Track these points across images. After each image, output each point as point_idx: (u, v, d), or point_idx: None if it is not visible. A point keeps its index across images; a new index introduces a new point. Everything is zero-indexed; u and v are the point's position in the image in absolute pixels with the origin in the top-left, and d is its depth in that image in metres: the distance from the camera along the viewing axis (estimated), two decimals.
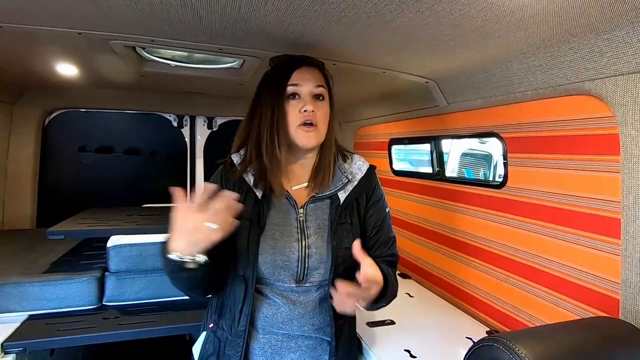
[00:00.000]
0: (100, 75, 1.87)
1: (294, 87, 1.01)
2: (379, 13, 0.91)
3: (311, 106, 0.99)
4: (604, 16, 0.85)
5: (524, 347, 0.63)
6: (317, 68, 1.06)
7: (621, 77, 0.94)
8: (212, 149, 2.86)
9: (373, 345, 1.33)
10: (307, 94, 1.01)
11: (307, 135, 1.00)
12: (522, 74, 1.20)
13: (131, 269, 1.70)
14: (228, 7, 0.92)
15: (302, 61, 1.05)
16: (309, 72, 1.03)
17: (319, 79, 1.04)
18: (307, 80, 1.01)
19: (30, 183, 2.45)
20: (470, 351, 0.71)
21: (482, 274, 1.57)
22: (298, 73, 1.02)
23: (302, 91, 1.01)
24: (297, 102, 1.01)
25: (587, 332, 0.74)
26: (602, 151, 1.06)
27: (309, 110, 0.99)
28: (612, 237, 1.04)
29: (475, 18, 0.91)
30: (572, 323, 0.81)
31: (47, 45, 1.35)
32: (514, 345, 0.64)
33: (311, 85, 1.02)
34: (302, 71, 1.03)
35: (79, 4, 0.94)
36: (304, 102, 1.00)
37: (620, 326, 0.78)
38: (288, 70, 1.03)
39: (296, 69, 1.03)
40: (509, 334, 0.69)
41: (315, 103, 1.01)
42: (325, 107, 1.04)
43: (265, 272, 1.00)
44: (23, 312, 1.52)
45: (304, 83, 1.01)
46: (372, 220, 1.10)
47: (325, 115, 1.03)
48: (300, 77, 1.02)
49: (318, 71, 1.05)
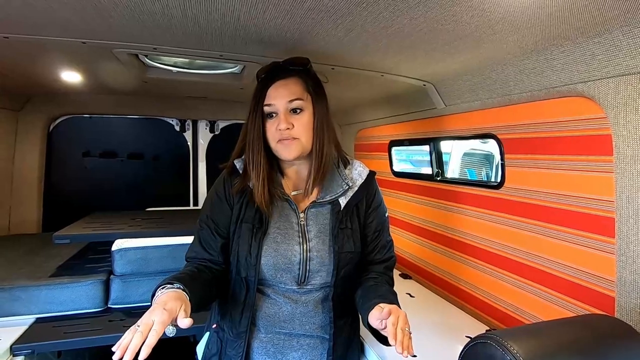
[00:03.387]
0: (103, 82, 1.90)
1: (269, 107, 1.02)
2: (374, 20, 0.93)
3: (285, 124, 1.00)
4: (594, 20, 0.87)
5: (517, 344, 0.65)
6: (296, 76, 1.05)
7: (612, 79, 0.96)
8: (214, 153, 2.89)
9: (374, 344, 1.35)
10: (282, 112, 1.01)
11: (288, 149, 1.02)
12: (517, 77, 1.22)
13: (136, 271, 1.72)
14: (227, 17, 0.95)
15: (282, 72, 1.04)
16: (285, 86, 1.02)
17: (295, 91, 1.02)
18: (281, 97, 1.01)
19: (35, 188, 2.49)
20: (465, 349, 0.73)
21: (481, 273, 1.59)
22: (272, 90, 1.02)
23: (277, 109, 1.02)
24: (274, 120, 1.03)
25: (580, 329, 0.76)
26: (596, 152, 1.08)
27: (283, 129, 1.00)
28: (607, 236, 1.06)
29: (468, 24, 0.93)
30: (566, 320, 0.83)
31: (52, 54, 1.38)
32: (506, 342, 0.65)
33: (285, 102, 1.01)
34: (277, 87, 1.02)
35: (84, 15, 0.97)
36: (279, 120, 1.01)
37: (613, 323, 0.79)
38: (263, 88, 1.03)
39: (271, 85, 1.03)
40: (502, 331, 0.71)
41: (292, 118, 1.02)
42: (304, 118, 1.03)
43: (267, 274, 1.03)
44: (31, 315, 1.55)
45: (277, 101, 1.01)
46: (373, 226, 1.12)
47: (306, 125, 1.03)
48: (274, 95, 1.02)
49: (295, 81, 1.04)
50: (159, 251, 1.74)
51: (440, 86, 1.60)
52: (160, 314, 0.73)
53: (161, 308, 0.74)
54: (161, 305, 0.75)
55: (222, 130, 2.91)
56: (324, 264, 1.04)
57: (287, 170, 1.11)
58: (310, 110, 1.04)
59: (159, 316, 0.73)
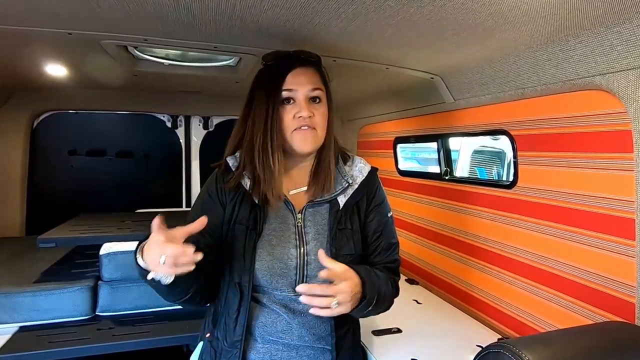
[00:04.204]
0: (91, 75, 1.90)
1: (289, 92, 1.01)
2: (379, 8, 0.93)
3: (307, 112, 0.99)
4: (613, 8, 0.87)
5: (531, 353, 0.65)
6: (313, 67, 1.06)
7: (633, 71, 0.95)
8: (208, 150, 2.89)
9: (378, 354, 1.35)
10: (303, 99, 1.01)
11: (304, 139, 1.02)
12: (531, 69, 1.22)
13: (125, 277, 1.72)
14: (222, 5, 0.95)
15: (297, 60, 1.05)
16: (305, 73, 1.03)
17: (316, 80, 1.04)
18: (303, 84, 1.01)
19: (18, 189, 2.49)
20: (477, 358, 0.73)
21: (492, 278, 1.58)
22: (293, 76, 1.02)
23: (297, 96, 1.01)
24: (292, 106, 1.02)
25: (597, 337, 0.75)
26: (615, 148, 1.07)
27: (305, 117, 1.00)
28: (627, 238, 1.06)
29: (479, 12, 0.93)
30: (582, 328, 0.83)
31: (36, 45, 1.38)
32: (520, 352, 0.65)
33: (307, 89, 1.01)
34: (297, 73, 1.02)
35: (69, 4, 0.96)
36: (300, 107, 1.00)
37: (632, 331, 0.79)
38: (282, 72, 1.02)
39: (291, 70, 1.02)
40: (516, 340, 0.71)
41: (312, 106, 1.02)
42: (322, 109, 1.04)
43: (262, 279, 1.02)
44: (14, 323, 1.56)
45: (299, 87, 1.01)
46: (373, 225, 1.11)
47: (324, 117, 1.04)
48: (295, 81, 1.01)
49: (314, 71, 1.05)
50: None
51: (448, 79, 1.59)
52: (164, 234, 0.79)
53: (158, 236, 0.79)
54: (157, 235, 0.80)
55: (217, 127, 2.91)
56: (322, 268, 1.03)
57: (287, 167, 1.09)
58: (326, 102, 1.06)
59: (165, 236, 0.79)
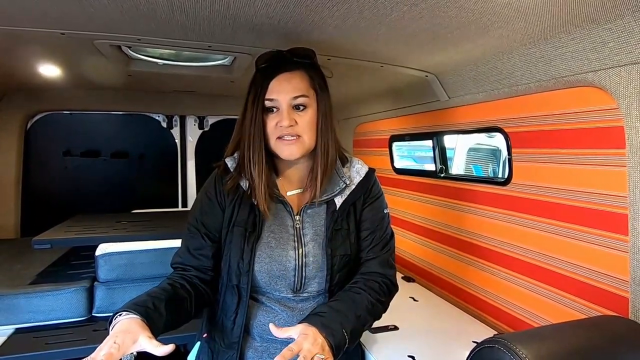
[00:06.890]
0: (85, 76, 1.89)
1: (270, 101, 0.99)
2: (372, 7, 0.93)
3: (287, 121, 0.97)
4: (604, 5, 0.88)
5: (525, 348, 0.66)
6: (301, 69, 1.02)
7: (624, 67, 0.96)
8: (204, 150, 2.88)
9: (375, 351, 1.35)
10: (285, 107, 0.99)
11: (288, 148, 1.00)
12: (524, 66, 1.23)
13: (121, 278, 1.72)
14: (216, 4, 0.95)
15: (286, 64, 1.01)
16: (289, 79, 1.00)
17: (301, 86, 1.00)
18: (286, 92, 0.99)
19: (13, 190, 2.47)
20: (472, 353, 0.74)
21: (488, 274, 1.59)
22: (276, 84, 0.99)
23: (279, 105, 0.99)
24: (275, 115, 1.00)
25: (591, 331, 0.76)
26: (608, 144, 1.08)
27: (285, 126, 0.98)
28: (620, 234, 1.07)
29: (471, 10, 0.93)
30: (576, 323, 0.83)
31: (29, 46, 1.37)
32: (514, 347, 0.66)
33: (289, 97, 0.98)
34: (281, 80, 0.99)
35: (62, 4, 0.96)
36: (281, 116, 0.98)
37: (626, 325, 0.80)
38: (266, 80, 1.00)
39: (274, 77, 1.00)
40: (510, 335, 0.72)
41: (295, 114, 0.99)
42: (308, 115, 1.00)
43: (261, 281, 1.02)
44: (10, 325, 1.55)
45: (281, 96, 0.98)
46: (368, 220, 1.10)
47: (310, 123, 1.01)
48: (278, 89, 0.99)
49: (301, 75, 1.01)
50: (146, 256, 1.73)
51: (443, 77, 1.60)
52: (108, 348, 0.75)
53: (112, 342, 0.76)
54: (112, 339, 0.77)
55: (212, 127, 2.90)
56: (320, 270, 1.03)
57: (284, 169, 1.09)
58: (314, 107, 1.02)
59: (106, 350, 0.75)
